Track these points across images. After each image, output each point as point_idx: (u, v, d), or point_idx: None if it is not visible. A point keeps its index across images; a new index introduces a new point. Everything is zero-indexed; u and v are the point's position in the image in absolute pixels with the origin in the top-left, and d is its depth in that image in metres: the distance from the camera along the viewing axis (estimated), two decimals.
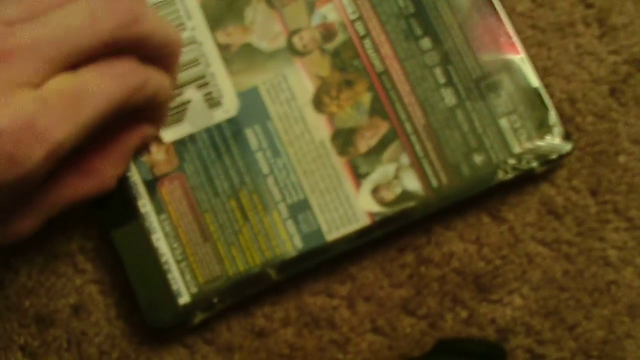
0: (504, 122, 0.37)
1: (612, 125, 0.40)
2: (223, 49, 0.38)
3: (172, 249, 0.37)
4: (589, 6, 0.41)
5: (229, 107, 0.37)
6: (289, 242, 0.37)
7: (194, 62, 0.38)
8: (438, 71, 0.38)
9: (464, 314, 0.38)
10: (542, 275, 0.39)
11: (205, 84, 0.38)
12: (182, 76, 0.38)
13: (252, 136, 0.37)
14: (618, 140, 0.39)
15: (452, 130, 0.37)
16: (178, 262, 0.37)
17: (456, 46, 0.38)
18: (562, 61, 0.40)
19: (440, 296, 0.38)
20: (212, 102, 0.37)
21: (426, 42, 0.38)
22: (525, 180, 0.39)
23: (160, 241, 0.37)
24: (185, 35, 0.38)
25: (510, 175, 0.37)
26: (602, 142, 0.39)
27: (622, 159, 0.39)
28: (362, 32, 0.38)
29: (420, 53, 0.38)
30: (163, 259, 0.37)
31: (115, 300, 0.38)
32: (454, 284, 0.38)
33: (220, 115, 0.37)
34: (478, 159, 0.37)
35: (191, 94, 0.37)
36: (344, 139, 0.37)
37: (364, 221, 0.36)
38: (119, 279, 0.38)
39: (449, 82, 0.38)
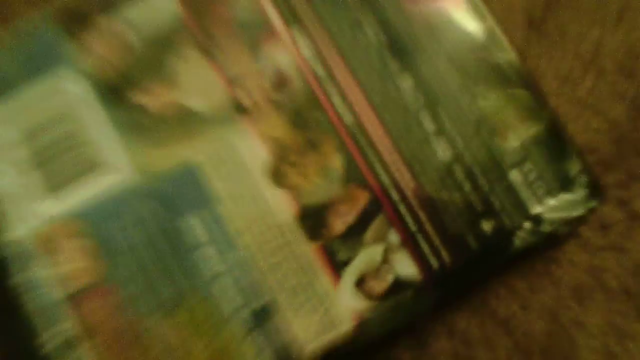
0: (515, 175, 0.29)
1: None
2: (141, 112, 0.29)
3: None
4: None
5: (120, 166, 0.29)
6: None
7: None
8: (425, 116, 0.29)
9: None
10: None
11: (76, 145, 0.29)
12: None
13: (191, 227, 0.29)
14: None
15: (451, 192, 0.29)
16: None
17: (446, 82, 0.29)
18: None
19: None
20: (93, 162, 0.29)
21: (407, 80, 0.29)
22: (547, 246, 0.31)
23: None
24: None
25: (530, 241, 0.29)
26: None
27: None
28: (322, 74, 0.29)
29: (400, 95, 0.29)
30: None
31: None
32: None
33: (111, 179, 0.29)
34: (487, 226, 0.29)
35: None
36: (314, 218, 0.29)
37: (348, 324, 0.28)
38: None
39: (441, 130, 0.29)
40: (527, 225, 0.29)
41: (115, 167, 0.29)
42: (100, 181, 0.29)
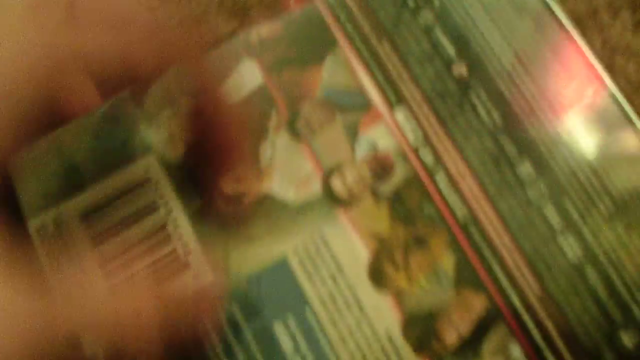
0: None
1: None
2: (230, 201, 0.26)
3: None
4: None
5: (200, 269, 0.25)
6: None
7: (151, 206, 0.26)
8: (550, 210, 0.25)
9: None
10: None
11: (168, 239, 0.26)
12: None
13: (285, 334, 0.25)
14: None
15: (584, 300, 0.25)
16: None
17: (570, 167, 0.25)
18: None
19: None
20: (178, 264, 0.26)
21: (527, 168, 0.26)
22: None
23: None
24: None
25: None
26: None
27: None
28: (430, 161, 0.26)
29: (520, 185, 0.26)
30: None
31: None
32: None
33: (188, 280, 0.26)
34: (627, 338, 0.24)
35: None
36: (421, 328, 0.25)
37: None
38: None
39: (569, 225, 0.25)
40: None
41: (197, 269, 0.26)
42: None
